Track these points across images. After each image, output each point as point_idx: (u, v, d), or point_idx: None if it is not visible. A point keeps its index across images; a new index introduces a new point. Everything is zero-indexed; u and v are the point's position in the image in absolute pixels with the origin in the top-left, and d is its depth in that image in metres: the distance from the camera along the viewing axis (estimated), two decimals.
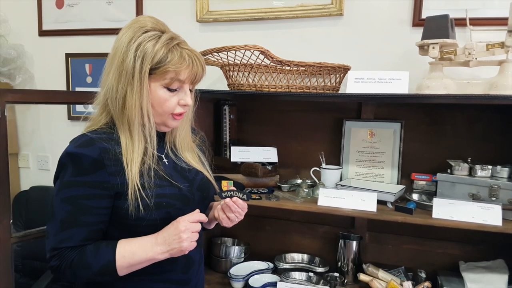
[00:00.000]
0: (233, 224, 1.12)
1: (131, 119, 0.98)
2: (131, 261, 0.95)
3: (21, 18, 2.30)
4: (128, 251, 0.95)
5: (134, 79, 0.96)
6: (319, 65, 1.53)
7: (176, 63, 0.97)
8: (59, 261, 0.94)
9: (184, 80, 1.01)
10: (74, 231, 0.94)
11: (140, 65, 0.96)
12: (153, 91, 0.99)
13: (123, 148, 0.98)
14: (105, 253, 0.94)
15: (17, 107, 2.41)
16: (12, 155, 2.39)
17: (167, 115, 1.03)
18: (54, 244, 0.95)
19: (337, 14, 1.75)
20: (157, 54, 0.96)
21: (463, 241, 1.67)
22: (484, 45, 1.41)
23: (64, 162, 0.96)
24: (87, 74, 2.22)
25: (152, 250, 0.96)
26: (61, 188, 0.96)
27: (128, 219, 0.97)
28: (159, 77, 0.98)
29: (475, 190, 1.45)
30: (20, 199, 2.29)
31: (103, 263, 0.93)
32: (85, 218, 0.95)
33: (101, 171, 0.95)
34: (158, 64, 0.97)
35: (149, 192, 0.97)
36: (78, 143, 0.97)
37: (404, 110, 1.71)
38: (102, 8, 2.15)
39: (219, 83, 1.93)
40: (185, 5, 1.99)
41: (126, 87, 0.97)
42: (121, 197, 0.97)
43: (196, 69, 1.01)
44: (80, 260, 0.94)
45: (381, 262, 1.76)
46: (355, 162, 1.76)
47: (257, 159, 1.75)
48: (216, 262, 1.85)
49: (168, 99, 1.01)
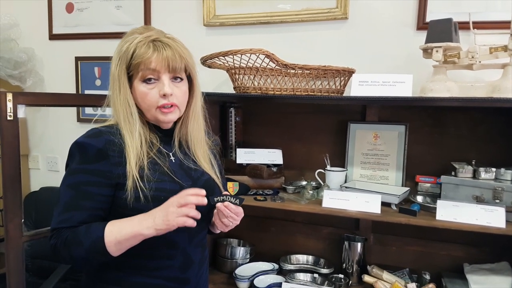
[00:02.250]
0: (228, 229, 1.12)
1: (119, 118, 1.05)
2: (117, 235, 0.96)
3: (32, 22, 2.34)
4: (116, 226, 0.97)
5: (116, 82, 1.05)
6: (323, 68, 1.55)
7: (142, 53, 1.01)
8: (55, 240, 0.99)
9: (155, 68, 1.02)
10: (73, 213, 0.99)
11: (119, 67, 1.04)
12: (136, 90, 1.05)
13: (125, 143, 1.03)
14: (95, 229, 0.97)
15: (28, 110, 2.43)
16: (23, 156, 2.41)
17: (154, 110, 1.06)
18: (55, 224, 1.00)
19: (342, 18, 1.77)
20: (129, 52, 1.02)
21: (467, 243, 1.67)
22: (487, 48, 1.42)
23: (73, 151, 1.03)
24: (96, 77, 2.26)
25: (138, 225, 0.96)
26: (67, 175, 1.03)
27: (126, 209, 1.00)
28: (135, 73, 1.04)
29: (479, 192, 1.45)
30: (30, 199, 2.32)
31: (92, 239, 0.95)
32: (85, 203, 1.00)
33: (104, 160, 1.01)
34: (131, 61, 1.03)
35: (148, 184, 1.01)
36: (87, 134, 1.04)
37: (408, 113, 1.72)
38: (110, 13, 2.18)
39: (225, 86, 1.96)
40: (192, 10, 2.02)
41: (114, 91, 1.05)
42: (121, 187, 1.01)
43: (165, 55, 1.02)
44: (73, 237, 0.97)
45: (385, 263, 1.76)
46: (360, 164, 1.77)
47: (263, 161, 1.77)
48: (222, 263, 1.87)
49: (147, 92, 1.04)
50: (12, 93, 1.44)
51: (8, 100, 1.43)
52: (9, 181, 1.47)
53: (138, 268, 1.05)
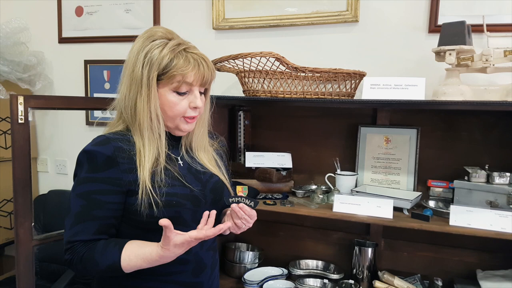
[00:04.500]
0: (241, 231, 1.11)
1: (141, 124, 1.03)
2: (134, 264, 0.96)
3: (42, 26, 2.35)
4: (133, 254, 0.96)
5: (143, 86, 1.01)
6: (334, 71, 1.54)
7: (181, 66, 1.00)
8: (71, 255, 0.98)
9: (192, 82, 1.03)
10: (86, 224, 0.98)
11: (148, 72, 1.01)
12: (163, 96, 1.03)
13: (136, 150, 1.02)
14: (112, 253, 0.96)
15: (36, 113, 2.46)
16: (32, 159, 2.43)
17: (179, 119, 1.06)
18: (68, 237, 0.99)
19: (352, 21, 1.76)
20: (163, 60, 1.00)
21: (480, 249, 1.65)
22: (502, 51, 1.40)
23: (81, 160, 1.01)
24: (105, 80, 2.26)
25: (157, 259, 0.95)
26: (77, 185, 1.01)
27: (138, 216, 1.00)
28: (167, 81, 1.02)
29: (493, 198, 1.43)
30: (38, 202, 2.32)
31: (108, 263, 0.96)
32: (97, 212, 0.99)
33: (114, 168, 0.99)
34: (165, 70, 1.00)
35: (159, 190, 1.00)
36: (94, 142, 1.03)
37: (419, 117, 1.70)
38: (120, 16, 2.19)
39: (234, 89, 1.95)
40: (202, 13, 2.02)
41: (136, 94, 1.02)
42: (132, 194, 1.00)
43: (203, 70, 1.03)
44: (89, 256, 0.97)
45: (396, 269, 1.74)
46: (371, 168, 1.76)
47: (272, 164, 1.76)
48: (230, 267, 1.85)
49: (178, 102, 1.04)
50: (24, 96, 1.43)
51: (20, 103, 1.43)
52: (20, 185, 1.47)
53: (151, 274, 1.04)
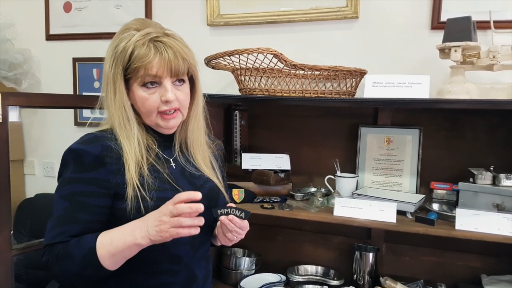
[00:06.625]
0: (232, 243, 1.05)
1: (116, 122, 0.97)
2: (110, 248, 0.87)
3: (28, 22, 2.28)
4: (107, 237, 0.89)
5: (110, 83, 0.96)
6: (334, 69, 1.48)
7: (142, 57, 0.92)
8: (48, 256, 0.91)
9: (157, 73, 0.94)
10: (68, 227, 0.91)
11: (114, 68, 0.95)
12: (134, 93, 0.97)
13: (123, 149, 0.96)
14: (87, 241, 0.89)
15: (23, 113, 2.38)
16: (18, 162, 2.36)
17: (155, 115, 0.98)
18: (47, 240, 0.92)
19: (352, 17, 1.70)
20: (127, 52, 0.93)
21: (485, 253, 1.59)
22: (509, 48, 1.35)
23: (66, 159, 0.95)
24: (94, 79, 2.20)
25: (131, 235, 0.87)
26: (61, 186, 0.95)
27: (126, 221, 0.92)
28: (134, 76, 0.95)
29: (500, 200, 1.38)
30: (25, 206, 2.25)
31: (84, 252, 0.88)
32: (81, 215, 0.92)
33: (102, 168, 0.93)
34: (128, 63, 0.94)
35: (149, 194, 0.93)
36: (81, 140, 0.97)
37: (422, 116, 1.65)
38: (110, 12, 2.12)
39: (229, 88, 1.89)
40: (195, 9, 1.95)
41: (107, 91, 0.98)
42: (120, 197, 0.93)
43: (168, 59, 0.94)
44: (64, 252, 0.89)
45: (398, 274, 1.69)
46: (371, 170, 1.70)
47: (269, 166, 1.70)
48: (226, 274, 1.78)
49: (147, 97, 0.96)
50: (1, 93, 1.33)
51: None
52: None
53: (139, 286, 0.97)
